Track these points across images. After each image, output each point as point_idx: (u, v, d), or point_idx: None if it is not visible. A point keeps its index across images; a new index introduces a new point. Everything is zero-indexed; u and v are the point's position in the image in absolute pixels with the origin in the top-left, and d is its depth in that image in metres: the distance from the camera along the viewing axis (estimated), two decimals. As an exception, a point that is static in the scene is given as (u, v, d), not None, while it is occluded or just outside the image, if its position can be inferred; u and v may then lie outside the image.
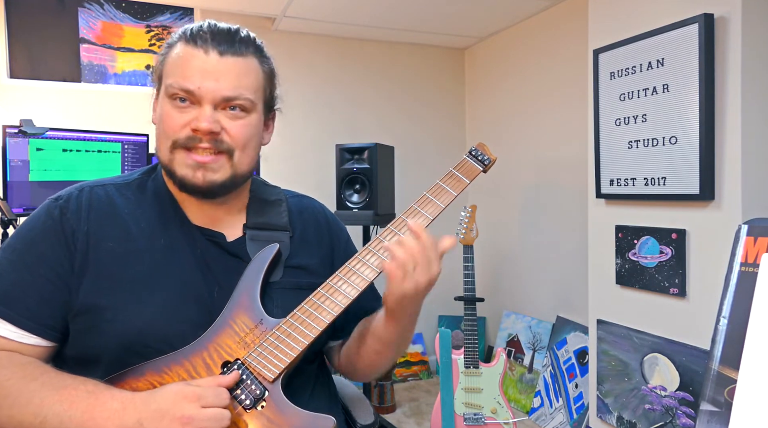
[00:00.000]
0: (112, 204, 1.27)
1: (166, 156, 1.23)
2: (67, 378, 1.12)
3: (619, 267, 2.71)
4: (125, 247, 1.21)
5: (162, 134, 1.23)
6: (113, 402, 1.06)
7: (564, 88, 3.80)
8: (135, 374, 1.14)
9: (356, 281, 1.21)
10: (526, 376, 3.97)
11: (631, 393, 2.69)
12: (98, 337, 1.16)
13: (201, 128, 1.18)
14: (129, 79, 3.84)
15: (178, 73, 1.19)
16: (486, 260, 4.60)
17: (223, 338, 1.18)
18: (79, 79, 3.74)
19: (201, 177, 1.22)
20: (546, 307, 4.01)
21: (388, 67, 4.68)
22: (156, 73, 1.27)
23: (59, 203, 1.24)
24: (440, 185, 1.30)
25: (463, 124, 4.95)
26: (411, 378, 4.58)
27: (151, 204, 1.30)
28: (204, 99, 1.19)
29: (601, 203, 2.83)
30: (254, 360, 1.15)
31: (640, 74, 2.57)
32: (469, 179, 1.33)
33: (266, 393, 1.13)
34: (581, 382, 3.47)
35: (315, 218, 1.47)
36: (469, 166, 1.35)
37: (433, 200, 1.28)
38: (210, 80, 1.18)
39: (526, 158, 4.20)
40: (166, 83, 1.20)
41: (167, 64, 1.22)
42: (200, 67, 1.18)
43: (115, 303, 1.16)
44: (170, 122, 1.21)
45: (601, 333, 2.85)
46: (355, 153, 3.69)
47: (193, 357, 1.16)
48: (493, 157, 1.37)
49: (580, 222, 3.53)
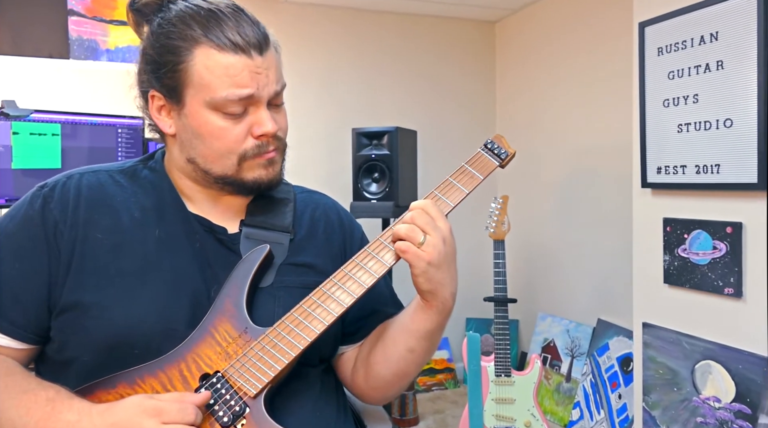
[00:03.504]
0: (104, 192, 1.29)
1: (231, 169, 1.28)
2: (32, 382, 1.15)
3: (667, 265, 2.71)
4: (115, 238, 1.24)
5: (220, 151, 1.26)
6: (70, 413, 1.09)
7: (606, 66, 3.78)
8: (106, 386, 1.16)
9: (352, 287, 1.22)
10: (563, 386, 3.97)
11: (681, 405, 2.69)
12: (81, 337, 1.18)
13: (269, 131, 1.25)
14: (123, 55, 3.85)
15: (230, 83, 1.21)
16: (519, 257, 4.60)
17: (203, 348, 1.19)
18: (68, 55, 3.75)
19: (272, 172, 1.31)
20: (586, 309, 4.00)
21: (410, 43, 4.68)
22: (161, 83, 1.27)
23: (43, 191, 1.27)
24: (450, 181, 1.32)
25: (493, 106, 4.94)
26: (435, 388, 4.60)
27: (147, 193, 1.32)
28: (262, 100, 1.25)
29: (647, 194, 2.82)
30: (236, 373, 1.16)
31: (691, 50, 2.56)
32: (483, 175, 1.34)
33: (247, 410, 1.14)
34: (625, 392, 3.47)
35: (326, 216, 1.48)
36: (483, 160, 1.36)
37: (441, 198, 1.29)
38: (263, 80, 1.24)
39: (563, 143, 4.19)
40: (216, 97, 1.22)
41: (196, 75, 1.22)
42: (251, 71, 1.22)
43: (101, 300, 1.18)
44: (230, 136, 1.25)
45: (647, 337, 2.85)
46: (373, 138, 3.70)
47: (170, 369, 1.17)
48: (512, 150, 1.38)
49: (623, 215, 3.52)
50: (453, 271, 1.24)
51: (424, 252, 1.18)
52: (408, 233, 1.19)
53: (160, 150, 1.42)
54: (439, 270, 1.20)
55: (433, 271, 1.20)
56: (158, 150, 1.42)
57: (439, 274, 1.20)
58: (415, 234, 1.18)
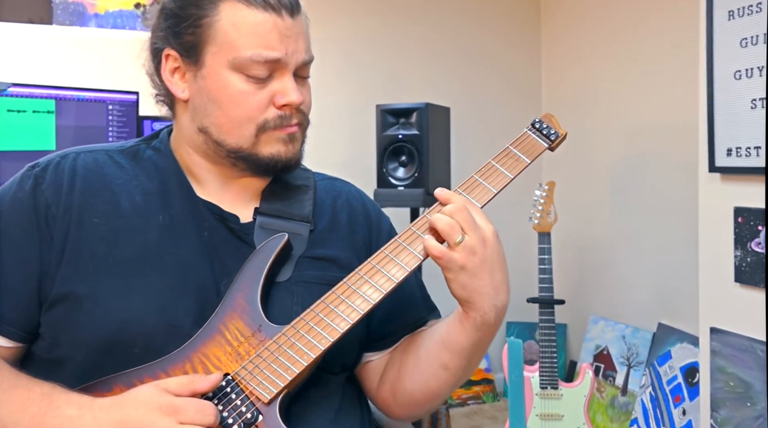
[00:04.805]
0: (102, 174, 1.30)
1: (247, 141, 1.29)
2: (22, 378, 1.17)
3: (738, 261, 2.69)
4: (113, 224, 1.25)
5: (238, 118, 1.28)
6: (69, 408, 1.10)
7: (668, 34, 3.76)
8: (100, 388, 1.17)
9: (380, 282, 1.21)
10: (618, 399, 3.97)
11: (756, 423, 2.67)
12: (73, 333, 1.19)
13: (294, 101, 1.27)
14: (114, 20, 3.83)
15: (257, 42, 1.24)
16: (567, 252, 4.59)
17: (212, 347, 1.19)
18: (50, 20, 3.73)
19: (292, 149, 1.32)
20: (644, 312, 3.99)
21: (442, 7, 4.68)
22: (180, 40, 1.29)
23: (34, 172, 1.28)
24: (492, 164, 1.32)
25: (537, 80, 4.93)
26: (472, 402, 4.61)
27: (151, 175, 1.34)
28: (288, 67, 1.27)
29: (716, 179, 2.80)
30: (247, 375, 1.16)
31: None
32: (530, 159, 1.34)
33: (260, 418, 1.14)
34: (690, 408, 3.46)
35: (349, 205, 1.49)
36: (530, 142, 1.36)
37: (482, 184, 1.30)
38: (292, 45, 1.26)
39: (618, 122, 4.17)
40: (241, 56, 1.24)
41: (221, 31, 1.25)
42: (281, 32, 1.25)
43: (96, 291, 1.19)
44: (251, 102, 1.27)
45: (715, 344, 2.83)
46: (400, 116, 3.70)
47: (173, 370, 1.17)
48: (563, 131, 1.38)
49: (687, 204, 3.50)
50: (497, 280, 1.21)
51: (458, 255, 1.17)
52: (445, 228, 1.17)
53: (165, 129, 1.44)
54: (475, 278, 1.18)
55: (467, 278, 1.18)
56: (163, 129, 1.44)
57: (474, 281, 1.18)
58: (454, 231, 1.17)
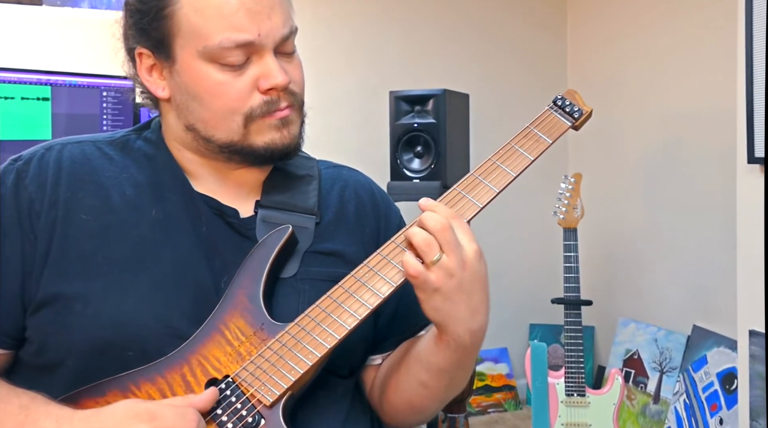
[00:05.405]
0: (90, 166, 1.30)
1: (237, 133, 1.28)
2: (2, 389, 1.17)
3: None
4: (103, 220, 1.25)
5: (221, 111, 1.26)
6: (47, 421, 1.10)
7: (704, 13, 3.74)
8: (93, 394, 1.16)
9: (390, 274, 1.20)
10: (650, 407, 3.96)
11: (797, 432, 2.66)
12: (63, 336, 1.19)
13: (278, 83, 1.24)
14: (108, 1, 3.86)
15: (224, 25, 1.21)
16: (595, 249, 4.58)
17: (211, 348, 1.19)
18: (40, 0, 3.76)
19: (288, 134, 1.30)
20: (678, 313, 3.98)
21: (461, -13, 4.67)
22: (147, 36, 1.28)
23: (17, 165, 1.28)
24: (511, 146, 1.32)
25: (563, 64, 4.92)
26: (492, 410, 4.60)
27: (142, 167, 1.34)
28: (266, 47, 1.23)
29: (755, 171, 2.78)
30: (249, 377, 1.16)
31: (812, -10, 2.51)
32: (551, 139, 1.33)
33: (262, 422, 1.13)
34: (727, 417, 3.44)
35: (357, 195, 1.49)
36: (552, 120, 1.36)
37: (501, 167, 1.28)
38: (265, 21, 1.22)
39: (649, 110, 4.16)
40: (210, 45, 1.22)
41: (184, 20, 1.23)
42: (249, 9, 1.21)
43: (85, 292, 1.19)
44: (231, 92, 1.25)
45: (754, 348, 2.82)
46: (416, 103, 3.69)
47: (170, 373, 1.17)
48: (587, 108, 1.37)
49: (725, 197, 3.48)
50: (475, 302, 1.18)
51: (434, 275, 1.14)
52: (421, 245, 1.14)
53: (156, 118, 1.44)
54: (449, 301, 1.15)
55: (440, 301, 1.15)
56: (155, 118, 1.44)
57: (447, 305, 1.16)
58: (430, 249, 1.13)
